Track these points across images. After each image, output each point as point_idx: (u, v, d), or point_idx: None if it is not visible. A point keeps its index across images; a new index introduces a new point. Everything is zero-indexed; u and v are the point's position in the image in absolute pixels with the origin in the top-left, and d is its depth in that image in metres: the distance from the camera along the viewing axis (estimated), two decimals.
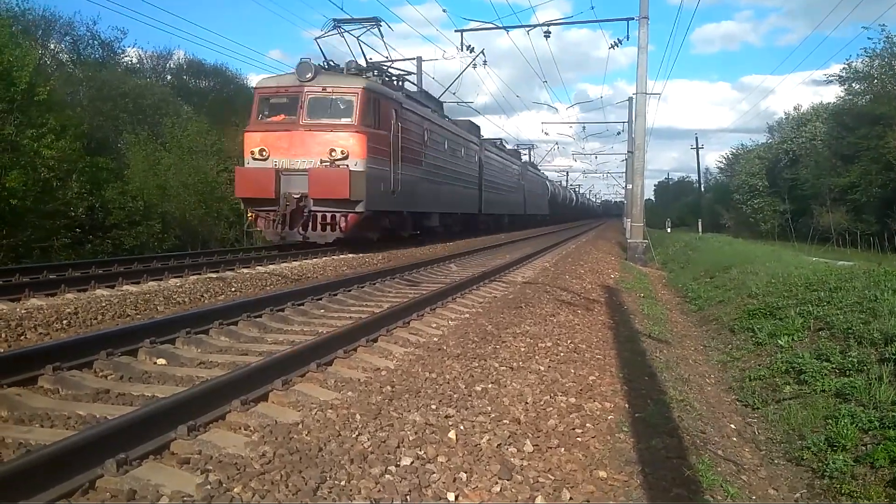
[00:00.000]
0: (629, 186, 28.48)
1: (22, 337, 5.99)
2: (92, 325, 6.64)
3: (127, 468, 3.02)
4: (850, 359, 6.60)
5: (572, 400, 4.88)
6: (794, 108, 50.95)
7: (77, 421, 3.79)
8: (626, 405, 5.10)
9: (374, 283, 10.17)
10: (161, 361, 5.25)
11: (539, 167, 56.09)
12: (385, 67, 19.92)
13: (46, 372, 4.57)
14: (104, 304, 7.21)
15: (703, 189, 70.16)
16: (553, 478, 3.52)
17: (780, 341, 7.98)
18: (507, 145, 49.06)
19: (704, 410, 5.90)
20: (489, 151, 32.16)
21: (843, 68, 38.75)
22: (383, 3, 26.99)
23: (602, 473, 3.72)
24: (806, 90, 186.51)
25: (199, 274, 9.71)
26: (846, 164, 35.71)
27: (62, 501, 2.78)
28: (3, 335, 5.89)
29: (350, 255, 14.40)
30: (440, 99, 29.47)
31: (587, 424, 4.44)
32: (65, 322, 6.52)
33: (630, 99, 36.53)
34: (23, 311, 6.53)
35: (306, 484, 2.98)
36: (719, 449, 4.90)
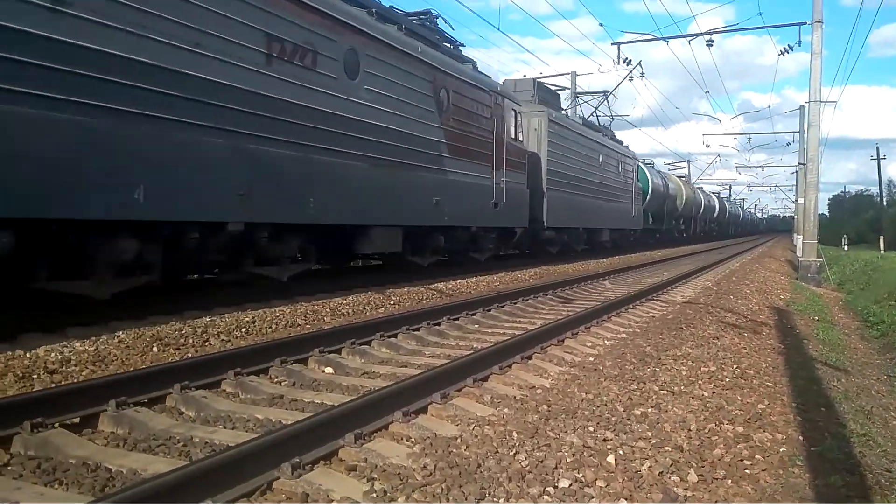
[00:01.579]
0: (800, 201, 26.59)
1: (207, 343, 6.55)
2: (267, 333, 7.14)
3: (301, 472, 3.22)
4: None
5: (740, 429, 4.62)
6: None
7: (255, 424, 4.09)
8: (801, 437, 4.76)
9: (527, 300, 10.18)
10: (329, 370, 5.55)
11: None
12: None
13: (228, 376, 4.97)
14: (278, 315, 7.72)
15: (885, 203, 64.09)
16: None
17: None
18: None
19: (890, 447, 5.37)
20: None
21: None
22: (536, 18, 27.07)
23: None
24: None
25: (363, 287, 10.17)
26: None
27: (242, 500, 3.00)
28: (192, 341, 6.47)
29: (503, 273, 14.50)
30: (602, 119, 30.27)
31: (756, 456, 4.18)
32: (244, 330, 7.05)
33: (802, 108, 34.22)
34: (208, 319, 7.14)
35: (466, 499, 3.03)
36: None
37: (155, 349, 6.08)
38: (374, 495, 3.03)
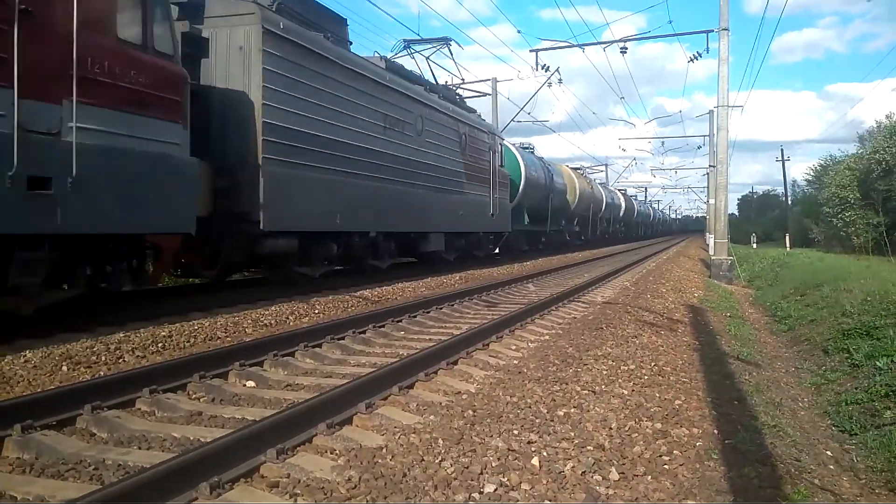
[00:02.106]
0: (711, 201, 27.71)
1: (120, 360, 6.29)
2: (185, 348, 6.92)
3: (220, 491, 3.12)
4: None
5: (658, 426, 4.76)
6: (887, 117, 48.61)
7: (172, 443, 3.95)
8: (715, 431, 4.93)
9: (453, 305, 10.23)
10: (250, 384, 5.42)
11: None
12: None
13: (143, 394, 4.79)
14: (196, 328, 7.49)
15: (790, 202, 67.49)
16: None
17: (878, 363, 7.57)
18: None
19: (799, 437, 5.64)
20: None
21: None
22: (455, 25, 27.28)
23: (691, 503, 3.61)
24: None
25: (285, 297, 9.99)
26: None
27: None
28: (104, 358, 6.20)
29: (429, 278, 14.53)
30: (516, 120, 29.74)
31: (675, 451, 4.31)
32: (160, 345, 6.81)
33: (711, 112, 35.71)
34: (121, 335, 6.86)
35: None
36: (816, 478, 4.67)
37: (64, 368, 5.80)
38: None
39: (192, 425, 4.33)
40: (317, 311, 9.40)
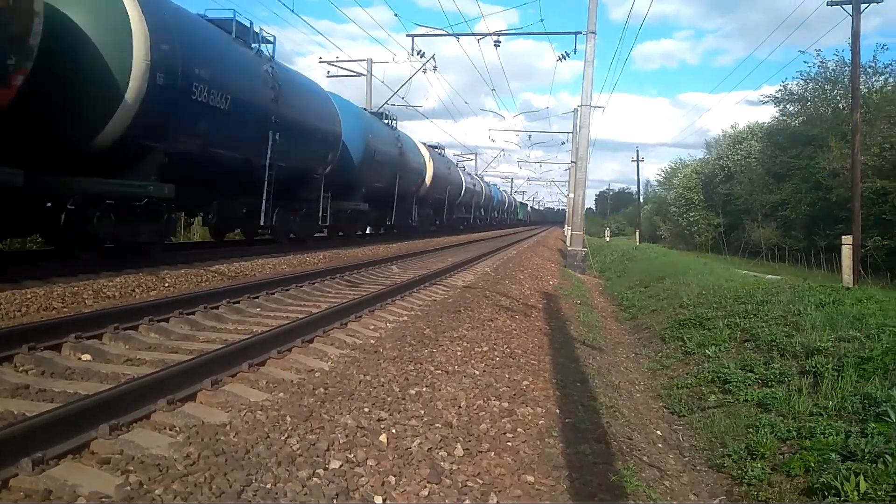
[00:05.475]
0: (571, 195, 28.92)
1: None
2: (15, 317, 6.39)
3: (43, 467, 2.92)
4: (773, 370, 6.86)
5: (505, 405, 4.93)
6: (731, 127, 52.83)
7: None
8: (558, 410, 5.18)
9: (314, 283, 10.07)
10: (86, 357, 5.08)
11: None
12: None
13: None
14: (29, 297, 6.94)
15: (641, 200, 71.77)
16: (481, 482, 3.55)
17: (707, 351, 8.23)
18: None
19: (633, 417, 6.04)
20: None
21: (779, 90, 40.35)
22: (333, 3, 26.51)
23: (530, 478, 3.77)
24: (739, 109, 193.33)
25: (133, 268, 9.44)
26: (778, 182, 37.13)
27: None
28: None
29: (291, 256, 14.23)
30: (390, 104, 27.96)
31: (518, 429, 4.49)
32: None
33: (575, 110, 37.17)
34: None
35: (231, 486, 2.93)
36: (645, 455, 5.02)
37: None
38: (129, 488, 2.83)
39: (16, 399, 4.00)
40: (167, 285, 8.96)
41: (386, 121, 24.85)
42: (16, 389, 4.17)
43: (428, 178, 29.17)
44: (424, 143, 30.62)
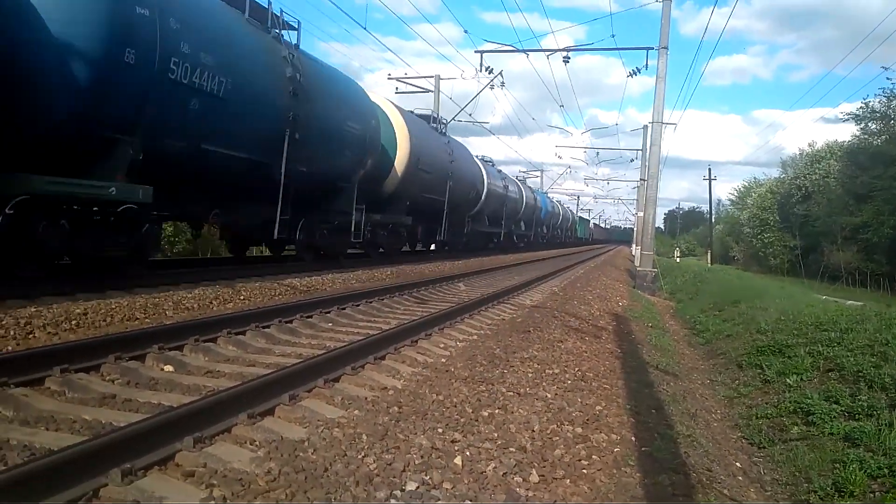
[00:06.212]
0: (640, 214, 28.43)
1: (30, 336, 5.99)
2: (101, 327, 6.64)
3: (132, 478, 3.00)
4: (860, 402, 6.53)
5: (579, 430, 4.83)
6: (809, 145, 51.13)
7: (83, 426, 3.77)
8: (633, 438, 5.05)
9: (383, 299, 10.16)
10: (169, 368, 5.24)
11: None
12: None
13: (54, 373, 4.57)
14: (113, 307, 7.21)
15: (713, 220, 70.02)
16: None
17: (788, 380, 7.91)
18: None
19: (711, 447, 5.84)
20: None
21: (860, 107, 38.74)
22: (402, 20, 27.16)
23: None
24: (816, 127, 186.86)
25: (210, 281, 9.72)
26: (859, 204, 35.60)
27: None
28: (13, 332, 5.89)
29: (360, 270, 14.41)
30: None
31: (593, 456, 4.39)
32: (74, 322, 6.52)
33: (645, 127, 36.68)
34: (33, 309, 6.53)
35: None
36: (725, 488, 4.84)
37: None
38: (213, 502, 2.88)
39: (104, 408, 4.15)
40: (242, 298, 9.19)
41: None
42: (103, 399, 4.33)
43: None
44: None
